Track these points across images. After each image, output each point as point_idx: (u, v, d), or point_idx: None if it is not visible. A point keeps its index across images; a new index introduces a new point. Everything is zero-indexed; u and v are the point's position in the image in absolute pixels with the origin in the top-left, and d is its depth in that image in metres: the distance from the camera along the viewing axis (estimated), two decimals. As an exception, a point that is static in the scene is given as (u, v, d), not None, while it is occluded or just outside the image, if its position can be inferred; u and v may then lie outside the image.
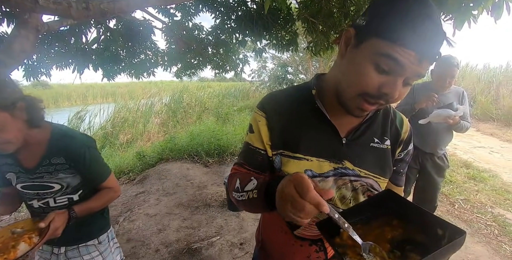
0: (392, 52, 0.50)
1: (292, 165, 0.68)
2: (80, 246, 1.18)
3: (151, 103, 9.01)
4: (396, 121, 0.73)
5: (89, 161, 1.07)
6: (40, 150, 1.03)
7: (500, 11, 1.46)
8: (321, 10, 2.83)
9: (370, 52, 0.53)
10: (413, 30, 0.49)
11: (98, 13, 1.57)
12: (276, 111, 0.71)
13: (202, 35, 3.57)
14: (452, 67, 2.04)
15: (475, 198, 3.31)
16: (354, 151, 0.68)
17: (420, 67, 0.52)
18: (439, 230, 0.52)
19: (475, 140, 6.27)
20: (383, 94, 0.55)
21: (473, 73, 11.22)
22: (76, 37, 2.67)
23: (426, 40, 0.49)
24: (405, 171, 0.79)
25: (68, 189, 1.08)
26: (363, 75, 0.54)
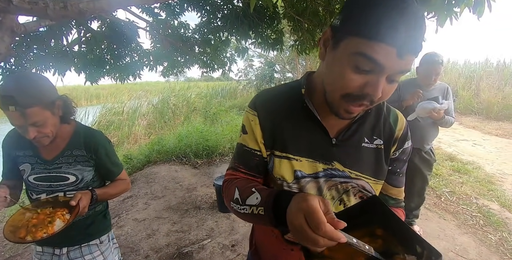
0: (369, 50, 0.48)
1: (282, 166, 0.67)
2: (83, 246, 1.21)
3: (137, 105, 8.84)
4: (390, 119, 0.70)
5: (109, 153, 1.20)
6: (63, 143, 1.12)
7: (482, 9, 1.50)
8: (306, 9, 2.84)
9: (347, 52, 0.51)
10: (389, 24, 0.46)
11: (76, 13, 1.51)
12: (267, 110, 0.69)
13: (188, 33, 3.52)
14: (437, 64, 2.09)
15: (460, 190, 3.40)
16: (344, 151, 0.66)
17: (401, 62, 0.49)
18: (418, 248, 0.51)
19: (458, 133, 6.46)
20: (366, 94, 0.52)
21: (454, 68, 11.55)
22: (56, 39, 2.58)
23: (404, 33, 0.47)
24: (402, 171, 0.74)
25: (81, 183, 1.14)
26: (343, 77, 0.52)
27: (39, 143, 1.04)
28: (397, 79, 0.53)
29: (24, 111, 0.93)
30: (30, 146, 1.10)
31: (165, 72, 3.81)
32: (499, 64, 9.94)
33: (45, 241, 1.15)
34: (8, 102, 0.91)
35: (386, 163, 0.70)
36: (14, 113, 0.93)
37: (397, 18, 0.46)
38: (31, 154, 1.10)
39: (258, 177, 0.73)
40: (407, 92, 2.18)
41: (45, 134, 1.01)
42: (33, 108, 0.94)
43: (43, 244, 1.20)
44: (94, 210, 1.24)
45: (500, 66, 9.76)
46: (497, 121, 7.40)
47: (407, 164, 0.76)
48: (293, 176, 0.66)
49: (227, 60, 3.87)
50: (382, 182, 0.71)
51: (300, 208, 0.46)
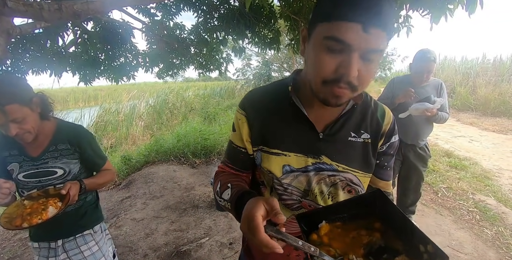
0: (335, 31, 0.50)
1: (271, 161, 0.69)
2: (77, 237, 1.25)
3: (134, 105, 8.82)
4: (378, 113, 0.71)
5: (93, 145, 1.25)
6: (47, 139, 1.17)
7: (474, 6, 1.51)
8: (302, 8, 2.85)
9: (319, 39, 0.53)
10: (349, 2, 0.48)
11: (71, 15, 1.52)
12: (255, 109, 0.72)
13: (183, 34, 3.52)
14: (429, 62, 2.10)
15: (457, 185, 3.42)
16: (331, 145, 0.68)
17: (369, 37, 0.49)
18: (421, 246, 0.49)
19: (455, 129, 6.49)
20: (341, 75, 0.52)
21: (451, 65, 11.58)
22: (51, 40, 2.58)
23: (365, 8, 0.47)
24: (390, 165, 0.76)
25: (68, 176, 1.19)
26: (318, 62, 0.54)
27: (23, 139, 1.07)
28: (373, 58, 0.53)
29: (3, 108, 0.97)
30: (15, 146, 1.14)
31: (160, 74, 3.81)
32: (495, 60, 9.98)
33: (39, 236, 1.22)
34: None
35: (374, 156, 0.71)
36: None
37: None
38: (16, 153, 1.14)
39: (244, 172, 0.78)
40: (400, 89, 2.20)
41: (26, 130, 1.05)
42: (11, 105, 0.99)
43: (38, 240, 1.24)
44: (85, 200, 1.29)
45: (497, 62, 9.80)
46: (494, 117, 7.45)
47: (394, 158, 0.78)
48: (282, 170, 0.69)
49: (223, 61, 3.88)
50: (370, 175, 0.72)
51: (245, 215, 0.51)
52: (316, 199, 0.70)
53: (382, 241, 0.54)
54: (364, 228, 0.57)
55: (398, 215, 0.53)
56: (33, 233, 1.26)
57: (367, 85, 0.58)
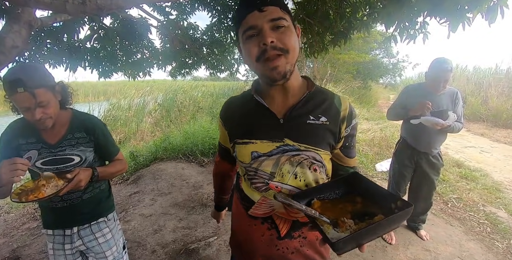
0: (245, 24, 0.69)
1: (241, 150, 0.82)
2: (92, 224, 1.31)
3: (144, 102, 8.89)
4: (335, 102, 0.81)
5: (106, 134, 1.31)
6: (64, 128, 1.21)
7: (495, 15, 1.48)
8: (317, 11, 2.84)
9: (242, 36, 0.71)
10: (240, 5, 0.72)
11: (94, 9, 1.53)
12: (226, 116, 0.90)
13: (197, 34, 3.54)
14: (446, 72, 2.07)
15: (467, 196, 3.36)
16: (291, 128, 0.78)
17: (265, 13, 0.67)
18: (392, 204, 0.64)
19: (466, 139, 6.39)
20: (264, 47, 0.67)
21: (463, 74, 11.43)
22: (69, 34, 2.61)
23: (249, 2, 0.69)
24: (354, 144, 0.87)
25: (84, 164, 1.23)
26: (247, 50, 0.70)
27: (44, 124, 1.10)
28: (281, 25, 0.68)
29: (33, 91, 1.02)
30: (33, 134, 1.18)
31: (173, 72, 3.83)
32: (509, 71, 9.81)
33: (55, 224, 1.27)
34: (17, 84, 1.00)
35: (334, 137, 0.80)
36: (23, 94, 1.01)
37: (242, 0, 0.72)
38: (34, 141, 1.17)
39: (230, 163, 1.03)
40: (414, 97, 2.17)
41: (48, 115, 1.09)
42: (40, 89, 1.04)
43: (53, 227, 1.27)
44: (99, 188, 1.34)
45: (510, 73, 9.63)
46: (506, 129, 7.31)
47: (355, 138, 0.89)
48: (251, 156, 0.80)
49: (234, 62, 3.88)
50: (329, 153, 0.81)
51: None
52: (283, 179, 0.78)
53: (363, 209, 0.69)
54: (348, 202, 0.72)
55: (373, 186, 0.71)
56: (47, 221, 1.29)
57: (295, 50, 0.70)
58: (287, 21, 0.69)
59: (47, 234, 1.29)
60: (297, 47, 0.70)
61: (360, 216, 0.66)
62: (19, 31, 1.72)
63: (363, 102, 11.17)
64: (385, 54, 14.75)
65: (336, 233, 0.62)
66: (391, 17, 1.88)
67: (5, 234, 2.85)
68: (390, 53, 14.46)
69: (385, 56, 14.84)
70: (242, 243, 0.90)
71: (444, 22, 1.74)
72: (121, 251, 1.40)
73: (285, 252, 0.82)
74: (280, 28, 0.68)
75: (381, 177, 4.08)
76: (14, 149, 1.17)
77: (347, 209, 0.69)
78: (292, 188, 0.77)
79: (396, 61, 14.55)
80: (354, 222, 0.65)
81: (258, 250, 0.84)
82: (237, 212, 0.91)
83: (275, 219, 0.80)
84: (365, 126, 6.68)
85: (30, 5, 1.56)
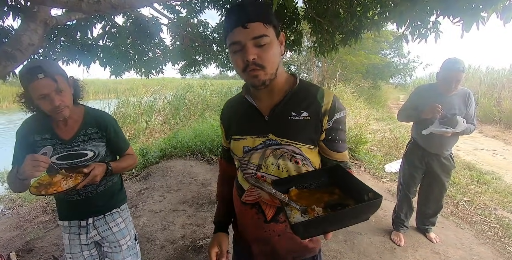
0: (230, 39, 0.74)
1: (235, 145, 0.91)
2: (106, 215, 1.36)
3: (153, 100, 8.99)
4: (317, 96, 0.85)
5: (118, 130, 1.36)
6: (77, 124, 1.25)
7: (510, 14, 1.45)
8: (327, 10, 2.81)
9: (230, 51, 0.77)
10: (227, 19, 0.76)
11: (108, 7, 1.55)
12: (225, 116, 1.00)
13: (207, 32, 3.55)
14: (457, 72, 2.03)
15: (478, 199, 3.30)
16: (275, 125, 0.85)
17: (249, 30, 0.71)
18: (365, 196, 0.64)
19: (477, 141, 6.27)
20: (246, 62, 0.74)
21: (475, 75, 11.19)
22: (82, 33, 2.66)
23: (235, 15, 0.73)
24: (342, 138, 0.88)
25: (97, 158, 1.27)
26: (234, 62, 0.77)
27: (61, 113, 1.14)
28: (262, 43, 0.73)
29: (54, 77, 1.08)
30: (48, 130, 1.22)
31: (183, 70, 3.86)
32: (523, 72, 9.56)
33: (71, 216, 1.33)
34: (37, 71, 1.05)
35: (316, 131, 0.84)
36: (43, 79, 1.06)
37: (230, 12, 0.75)
38: (49, 137, 1.21)
39: (232, 164, 1.02)
40: (426, 98, 2.14)
41: (65, 102, 1.13)
42: (59, 75, 1.11)
43: (69, 219, 1.33)
44: (112, 182, 1.39)
45: (525, 74, 9.39)
46: (520, 131, 7.14)
47: (345, 132, 0.90)
48: (242, 151, 0.89)
49: (244, 60, 3.88)
50: (311, 147, 0.85)
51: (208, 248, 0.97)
52: (268, 170, 0.85)
53: (339, 200, 0.70)
54: (326, 193, 0.74)
55: (350, 179, 0.72)
56: (63, 213, 1.34)
57: (273, 64, 0.77)
58: (269, 37, 0.74)
59: (62, 226, 1.34)
60: (276, 59, 0.78)
61: (334, 206, 0.68)
62: (35, 29, 1.75)
63: (372, 103, 11.04)
64: (396, 54, 14.54)
65: (302, 218, 0.63)
66: (403, 16, 1.85)
67: (18, 226, 2.93)
68: (401, 53, 14.25)
69: (395, 56, 14.63)
70: (239, 225, 1.03)
71: (457, 22, 1.71)
72: (133, 241, 1.46)
73: (272, 235, 0.91)
74: (262, 45, 0.73)
75: (390, 178, 4.04)
76: (29, 145, 1.20)
77: (323, 199, 0.71)
78: (276, 178, 0.84)
79: (407, 61, 14.33)
80: (324, 210, 0.66)
81: (249, 232, 0.96)
82: (235, 199, 1.01)
83: (261, 204, 0.90)
84: (374, 127, 6.60)
85: (46, 4, 1.60)
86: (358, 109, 7.28)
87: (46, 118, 1.21)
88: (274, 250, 0.93)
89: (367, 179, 3.95)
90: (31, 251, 2.38)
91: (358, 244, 2.36)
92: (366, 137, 5.25)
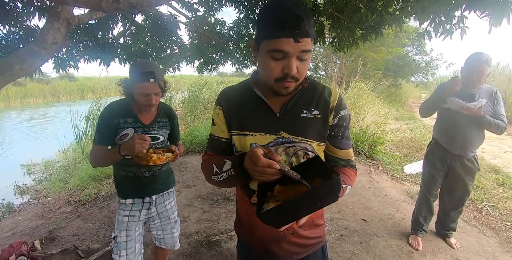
0: (276, 45, 0.68)
1: (241, 141, 0.86)
2: (165, 193, 1.63)
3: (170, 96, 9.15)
4: (325, 94, 0.88)
5: (177, 123, 1.68)
6: (154, 113, 1.53)
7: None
8: (347, 5, 2.74)
9: (264, 52, 0.72)
10: (280, 24, 0.67)
11: (127, 6, 1.59)
12: (227, 103, 0.91)
13: (224, 30, 3.57)
14: (479, 62, 1.93)
15: (504, 205, 3.13)
16: (287, 122, 0.84)
17: (299, 45, 0.68)
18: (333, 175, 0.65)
19: (505, 144, 5.95)
20: (286, 74, 0.72)
21: (504, 73, 10.61)
22: (103, 31, 2.73)
23: (289, 25, 0.66)
24: (345, 135, 0.90)
25: (163, 143, 1.55)
26: (268, 68, 0.73)
27: (150, 108, 1.45)
28: (305, 58, 0.72)
29: (159, 82, 1.37)
30: (131, 115, 1.44)
31: (200, 68, 3.90)
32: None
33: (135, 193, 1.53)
34: (150, 76, 1.33)
35: (325, 128, 0.87)
36: (152, 84, 1.34)
37: (280, 16, 0.67)
38: (132, 121, 1.44)
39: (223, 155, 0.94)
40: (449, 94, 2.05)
41: (158, 102, 1.44)
42: (161, 81, 1.40)
43: (134, 197, 1.53)
44: (169, 165, 1.65)
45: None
46: (552, 133, 6.70)
47: (349, 130, 0.92)
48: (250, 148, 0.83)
49: (260, 57, 3.86)
50: (323, 144, 0.88)
51: (247, 155, 0.70)
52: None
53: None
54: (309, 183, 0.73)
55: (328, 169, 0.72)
56: (127, 191, 1.53)
57: (305, 75, 0.78)
58: (311, 52, 0.74)
59: (125, 204, 1.52)
60: (307, 70, 0.78)
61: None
62: (58, 28, 1.82)
63: (392, 101, 10.72)
64: (418, 51, 13.97)
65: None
66: (426, 11, 1.77)
67: (43, 216, 3.08)
68: (423, 50, 13.67)
69: (417, 53, 14.07)
70: (245, 226, 0.97)
71: (485, 16, 1.61)
72: (178, 215, 1.74)
73: (286, 233, 0.89)
74: (304, 59, 0.73)
75: (409, 179, 3.91)
76: (112, 127, 1.40)
77: (301, 190, 0.71)
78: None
79: (429, 59, 13.74)
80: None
81: (258, 233, 0.91)
82: (241, 200, 0.96)
83: None
84: (394, 126, 6.41)
85: (68, 3, 1.65)
86: (377, 108, 7.08)
87: (129, 105, 1.45)
88: (287, 249, 0.90)
89: (384, 179, 3.84)
90: (54, 239, 2.50)
91: (373, 246, 2.31)
92: (384, 136, 5.11)
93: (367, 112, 6.28)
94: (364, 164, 4.42)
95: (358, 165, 4.33)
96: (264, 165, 0.65)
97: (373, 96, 7.99)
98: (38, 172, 4.95)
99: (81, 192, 3.70)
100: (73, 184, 3.93)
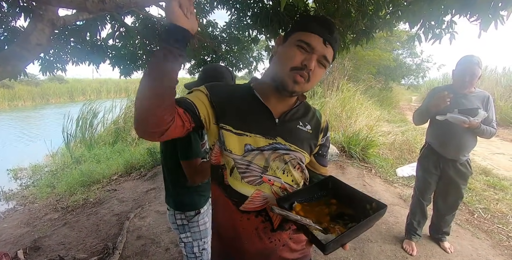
0: (306, 37, 0.76)
1: (233, 140, 0.81)
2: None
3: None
4: (317, 114, 0.94)
5: None
6: None
7: (531, 14, 1.35)
8: (338, 9, 2.74)
9: (293, 41, 0.77)
10: (315, 21, 0.78)
11: (113, 7, 1.53)
12: (219, 93, 0.83)
13: (215, 32, 3.53)
14: (471, 64, 1.94)
15: (495, 207, 3.16)
16: (285, 129, 0.85)
17: (325, 48, 0.76)
18: (367, 205, 0.71)
19: (494, 146, 6.05)
20: (304, 66, 0.75)
21: (492, 76, 10.84)
22: (91, 33, 2.66)
23: (325, 27, 0.77)
24: (327, 154, 0.98)
25: None
26: (290, 56, 0.77)
27: None
28: (324, 64, 0.79)
29: None
30: None
31: (191, 70, 3.85)
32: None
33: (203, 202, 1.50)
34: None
35: (314, 144, 0.91)
36: None
37: (324, 21, 0.78)
38: None
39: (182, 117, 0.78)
40: None
41: None
42: None
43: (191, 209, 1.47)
44: None
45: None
46: (539, 135, 6.85)
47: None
48: (244, 149, 0.81)
49: (252, 60, 3.85)
50: (309, 157, 0.91)
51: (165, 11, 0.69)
52: (275, 173, 0.83)
53: (339, 210, 0.76)
54: (323, 205, 0.79)
55: (347, 189, 0.78)
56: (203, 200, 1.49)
57: (314, 84, 0.81)
58: (328, 65, 0.80)
59: (203, 212, 1.48)
60: (318, 81, 0.84)
61: (337, 217, 0.74)
62: (42, 29, 1.76)
63: (383, 104, 10.83)
64: (408, 54, 14.19)
65: (324, 235, 0.68)
66: (416, 15, 1.78)
67: (28, 223, 2.98)
68: (413, 52, 13.90)
69: (408, 56, 14.29)
70: (224, 238, 0.90)
71: (474, 21, 1.62)
72: None
73: (277, 245, 0.86)
74: (321, 65, 0.79)
75: (402, 182, 3.91)
76: None
77: (324, 211, 0.77)
78: (283, 182, 0.84)
79: (420, 61, 13.97)
80: (337, 224, 0.72)
81: (250, 246, 0.85)
82: (224, 209, 0.86)
83: (268, 211, 0.83)
84: (386, 129, 6.45)
85: (52, 4, 1.59)
86: (370, 111, 7.13)
87: None
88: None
89: (377, 183, 3.84)
90: (38, 249, 2.40)
91: (367, 252, 2.28)
92: (377, 139, 5.13)
93: (360, 115, 6.32)
94: (357, 167, 4.42)
95: (351, 168, 4.33)
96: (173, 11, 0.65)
97: (365, 99, 8.06)
98: (25, 176, 4.81)
99: (69, 197, 3.59)
100: (61, 190, 3.83)
